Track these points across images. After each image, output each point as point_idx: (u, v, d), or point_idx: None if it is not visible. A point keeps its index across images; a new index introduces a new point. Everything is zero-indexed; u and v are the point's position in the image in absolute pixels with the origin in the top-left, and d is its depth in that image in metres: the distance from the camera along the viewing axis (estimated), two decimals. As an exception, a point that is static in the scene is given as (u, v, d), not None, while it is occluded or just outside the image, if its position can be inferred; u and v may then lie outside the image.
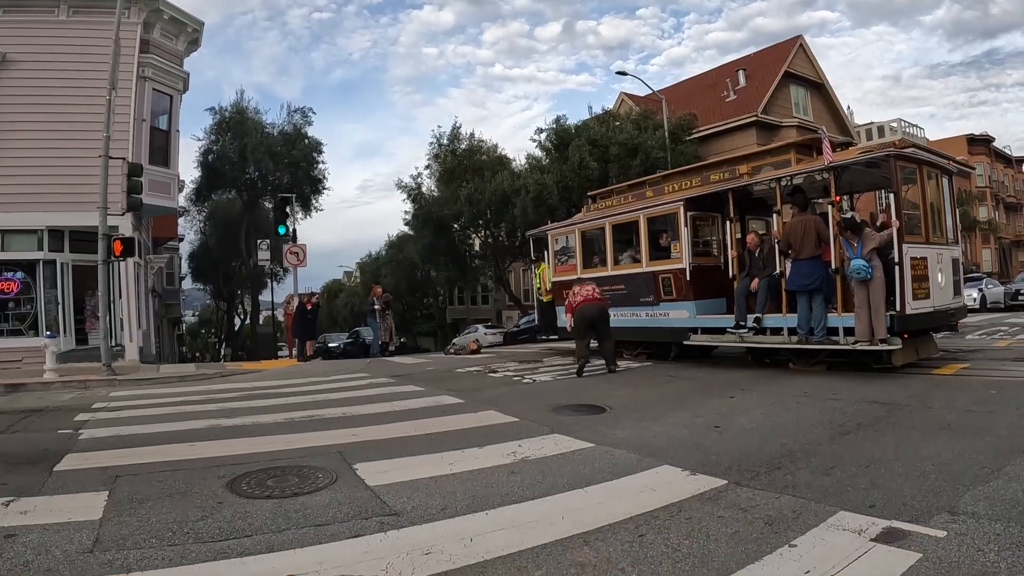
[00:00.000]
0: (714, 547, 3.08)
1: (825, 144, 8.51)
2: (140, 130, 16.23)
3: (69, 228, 15.50)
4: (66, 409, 8.46)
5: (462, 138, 33.22)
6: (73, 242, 15.68)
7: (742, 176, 10.30)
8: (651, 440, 5.39)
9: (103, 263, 12.73)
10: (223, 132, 33.36)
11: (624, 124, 27.63)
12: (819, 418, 5.90)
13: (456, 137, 33.13)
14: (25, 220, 15.02)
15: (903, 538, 3.05)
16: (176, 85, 17.81)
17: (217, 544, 3.33)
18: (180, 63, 18.23)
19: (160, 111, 17.47)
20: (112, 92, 12.99)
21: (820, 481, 4.00)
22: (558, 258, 14.07)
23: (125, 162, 13.12)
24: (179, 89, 18.04)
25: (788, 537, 3.14)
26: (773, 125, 28.78)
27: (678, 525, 3.38)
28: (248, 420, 6.99)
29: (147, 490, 4.32)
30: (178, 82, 17.91)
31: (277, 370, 13.97)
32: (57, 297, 15.61)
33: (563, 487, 4.14)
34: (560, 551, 3.10)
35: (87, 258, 14.77)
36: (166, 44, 17.60)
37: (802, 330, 8.84)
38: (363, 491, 4.18)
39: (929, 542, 3.00)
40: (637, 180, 13.91)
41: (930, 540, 3.02)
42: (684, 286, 10.63)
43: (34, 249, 15.40)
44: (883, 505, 3.51)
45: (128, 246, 12.85)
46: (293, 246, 18.69)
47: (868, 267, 7.90)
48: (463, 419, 6.67)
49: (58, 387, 10.95)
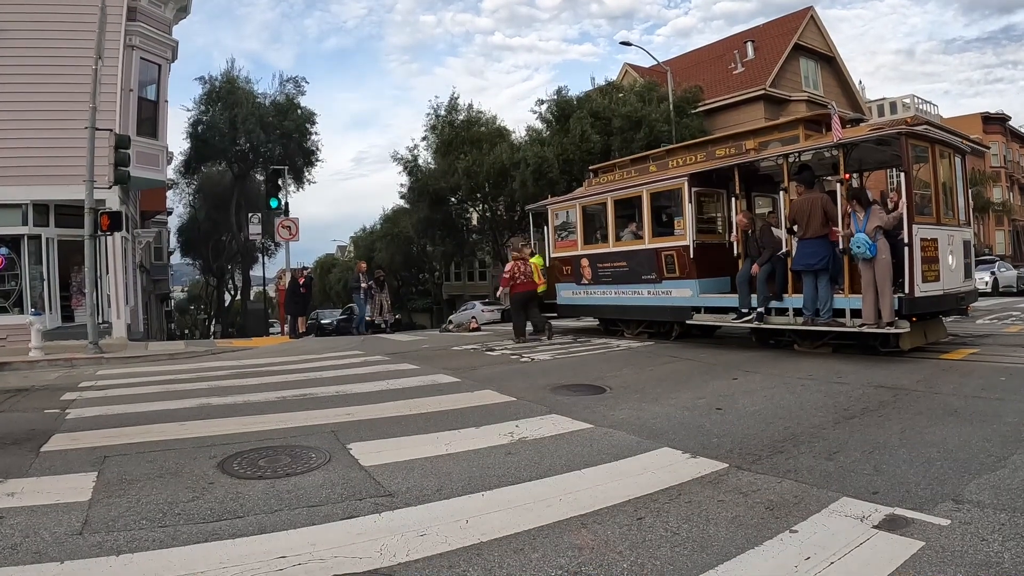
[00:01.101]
0: (713, 531, 3.10)
1: (834, 120, 8.44)
2: (127, 101, 16.04)
3: (54, 202, 15.38)
4: (52, 388, 8.46)
5: (460, 109, 33.00)
6: (59, 216, 15.57)
7: (749, 152, 10.24)
8: (651, 421, 5.41)
9: (89, 238, 12.67)
10: (213, 102, 33.13)
11: (627, 96, 27.41)
12: (823, 401, 5.92)
13: (454, 108, 32.89)
14: (9, 194, 14.88)
15: (906, 526, 3.08)
16: (164, 54, 17.57)
17: (208, 525, 3.35)
18: (168, 31, 17.98)
19: (148, 81, 17.26)
20: (98, 61, 12.83)
21: (823, 466, 4.03)
22: (558, 233, 14.06)
23: (112, 134, 12.99)
24: (167, 58, 17.80)
25: (789, 522, 3.16)
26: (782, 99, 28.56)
27: (677, 509, 3.41)
28: (239, 399, 7.00)
29: (136, 471, 4.33)
30: (166, 51, 17.68)
31: (269, 347, 14.00)
32: (42, 273, 15.56)
33: (561, 468, 4.16)
34: (557, 533, 3.13)
35: (73, 233, 14.71)
36: (154, 11, 17.35)
37: (807, 311, 8.85)
38: (357, 471, 4.20)
39: (932, 530, 3.02)
40: (640, 154, 13.85)
41: (933, 528, 3.04)
42: (688, 264, 10.63)
43: (18, 224, 15.29)
44: (886, 492, 3.53)
45: (115, 220, 12.77)
46: (285, 220, 18.62)
47: (870, 244, 7.89)
48: (459, 398, 6.69)
49: (44, 366, 10.95)
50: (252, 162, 34.96)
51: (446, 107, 32.86)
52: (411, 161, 34.67)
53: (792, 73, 30.22)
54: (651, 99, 26.73)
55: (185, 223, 41.65)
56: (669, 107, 25.82)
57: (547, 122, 29.40)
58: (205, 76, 33.90)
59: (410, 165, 34.69)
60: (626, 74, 34.67)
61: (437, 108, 32.97)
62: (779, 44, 30.24)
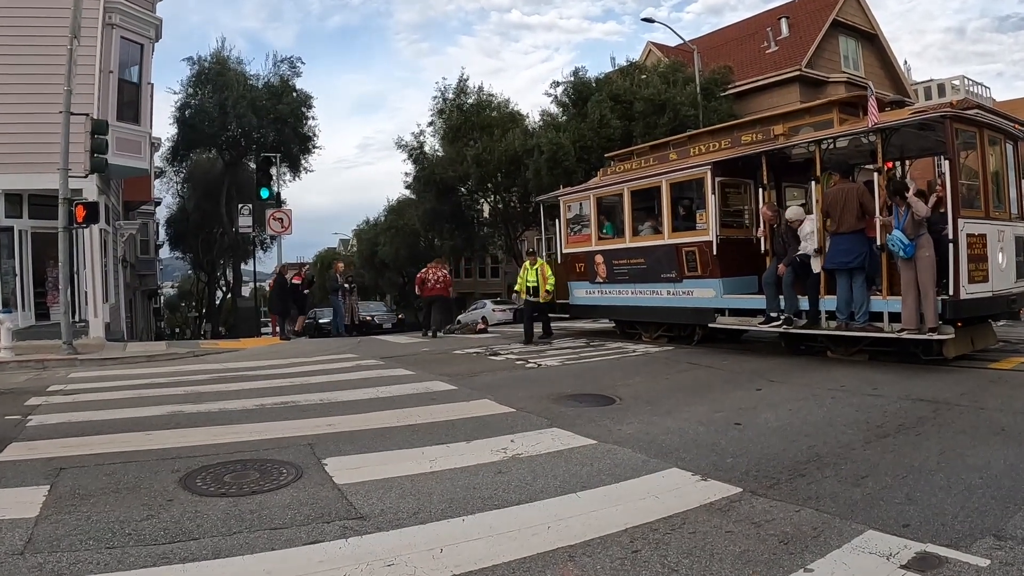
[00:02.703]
0: (717, 569, 2.99)
1: (871, 103, 8.26)
2: (107, 83, 16.07)
3: (28, 191, 15.46)
4: (18, 392, 8.48)
5: (469, 92, 32.84)
6: (32, 207, 15.66)
7: (777, 137, 10.09)
8: (661, 437, 5.33)
9: (64, 230, 12.73)
10: (202, 85, 33.23)
11: (651, 77, 27.18)
12: (855, 416, 5.81)
13: (463, 91, 32.74)
14: (-22, 183, 14.97)
15: (938, 566, 2.94)
16: (147, 32, 17.58)
17: (159, 548, 3.32)
18: (152, 7, 18.01)
19: (129, 62, 17.26)
20: (74, 41, 12.84)
21: (848, 493, 3.91)
22: (571, 227, 13.99)
23: (88, 118, 13.01)
24: (151, 37, 17.81)
25: (804, 560, 3.04)
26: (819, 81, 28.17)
27: (679, 540, 3.30)
28: (215, 406, 7.00)
29: (92, 485, 4.33)
30: (149, 29, 17.68)
31: (257, 349, 14.00)
32: (15, 268, 15.65)
33: (555, 490, 4.09)
34: (540, 567, 3.04)
35: (49, 225, 14.72)
36: (136, -14, 17.37)
37: (841, 314, 8.68)
38: (329, 490, 4.16)
39: (968, 572, 2.88)
40: (659, 141, 13.73)
41: (970, 570, 2.90)
42: (710, 261, 10.51)
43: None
44: (919, 525, 3.39)
45: (92, 211, 12.83)
46: (277, 211, 18.66)
47: (905, 244, 7.69)
48: (453, 408, 6.66)
49: (13, 367, 10.98)
50: (244, 149, 35.03)
51: (454, 90, 32.76)
52: (417, 148, 34.67)
53: (830, 52, 29.80)
54: (676, 81, 26.47)
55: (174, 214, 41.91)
56: (696, 89, 25.56)
57: (563, 106, 29.22)
58: (193, 56, 34.06)
59: (415, 153, 34.70)
60: (649, 54, 34.42)
61: (445, 91, 32.90)
62: (816, 20, 29.83)
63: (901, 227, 7.82)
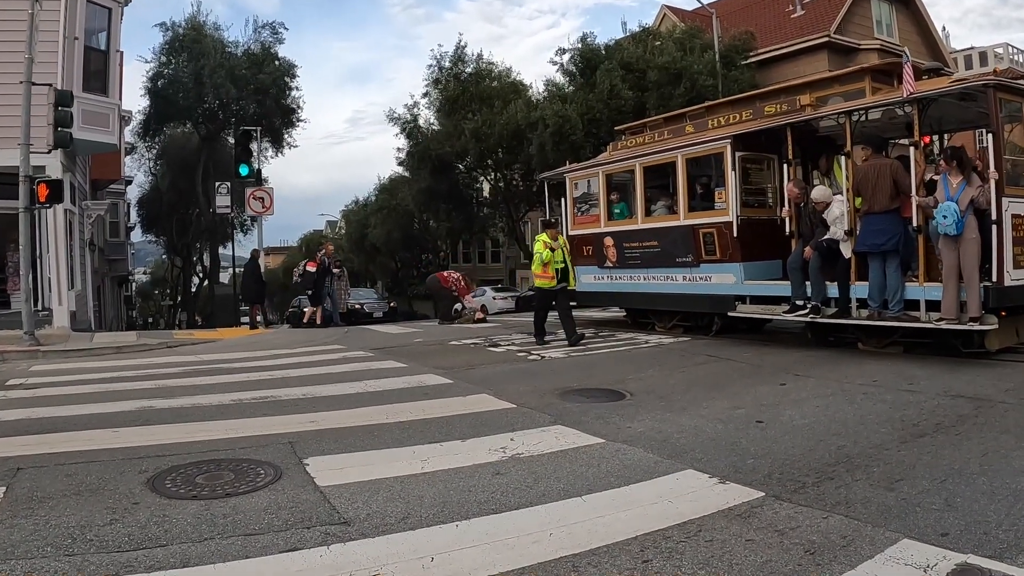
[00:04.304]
0: (736, 580, 2.96)
1: (907, 70, 8.17)
2: (71, 50, 15.93)
3: (-15, 168, 15.37)
4: (-26, 386, 8.50)
5: (468, 60, 32.75)
6: (-9, 186, 15.57)
7: (804, 108, 10.02)
8: (675, 436, 5.32)
9: (24, 211, 12.69)
10: (176, 53, 33.19)
11: (665, 44, 27.07)
12: (888, 414, 5.79)
13: (461, 59, 32.64)
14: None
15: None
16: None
17: (123, 555, 3.31)
18: (121, -34, 17.86)
19: (97, 28, 17.15)
20: (36, 5, 12.76)
21: (881, 497, 3.88)
22: (578, 207, 13.97)
23: (52, 89, 12.96)
24: (119, 0, 17.71)
25: (833, 571, 3.00)
26: (849, 48, 27.99)
27: (695, 549, 3.26)
28: (188, 401, 7.03)
29: (52, 486, 4.33)
30: (118, -9, 17.58)
31: (235, 340, 14.05)
32: (-28, 252, 15.63)
33: (558, 494, 4.08)
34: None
35: (8, 205, 14.57)
36: (102, -56, 17.22)
37: (873, 302, 8.63)
38: (310, 492, 4.16)
39: (1014, 585, 2.84)
40: (675, 112, 13.66)
41: (1016, 583, 2.86)
42: (730, 244, 10.47)
43: (-59, 194, 15.31)
44: (959, 533, 3.35)
45: (55, 190, 12.79)
46: (258, 190, 18.64)
47: (959, 217, 7.57)
48: (447, 404, 6.68)
49: (-31, 359, 10.99)
50: (222, 122, 35.02)
51: (451, 58, 32.64)
52: (410, 122, 34.56)
53: (861, 17, 29.59)
54: (693, 48, 26.33)
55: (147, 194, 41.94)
56: (714, 57, 25.42)
57: (570, 75, 29.10)
58: (166, 22, 33.85)
59: (409, 127, 34.59)
60: (664, 19, 34.20)
61: (441, 59, 32.77)
62: (847, -18, 29.59)
63: (955, 199, 7.66)
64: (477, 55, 33.11)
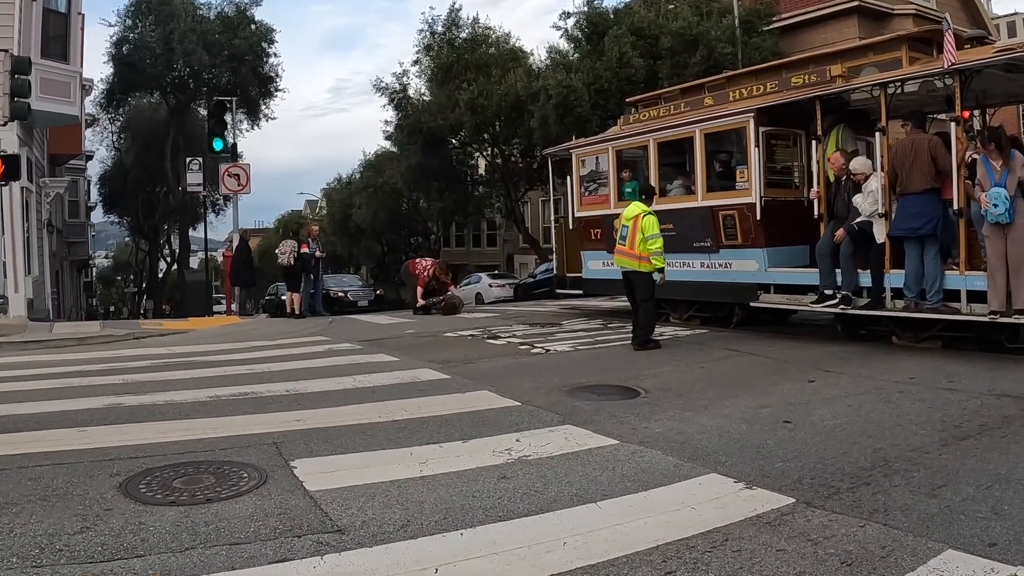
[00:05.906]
0: (769, 595, 2.98)
1: (948, 38, 8.13)
2: (29, 12, 15.88)
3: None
4: (-76, 382, 8.50)
5: (463, 24, 32.66)
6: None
7: (835, 80, 9.97)
8: (696, 438, 5.34)
9: (-22, 188, 12.65)
10: (142, 15, 33.15)
11: (680, 8, 26.97)
12: (928, 415, 5.80)
13: (455, 23, 32.54)
14: None
15: (1035, 591, 2.94)
16: (76, -50, 17.42)
17: (96, 566, 3.31)
18: (81, -82, 17.79)
19: (56, -12, 17.13)
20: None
21: (923, 505, 3.90)
22: (585, 186, 13.94)
23: (7, 55, 12.89)
24: (81, -44, 17.67)
25: (873, 584, 3.02)
26: (882, 13, 27.91)
27: (721, 560, 3.28)
28: (160, 398, 7.02)
29: (15, 491, 4.32)
30: (78, -55, 17.53)
31: (209, 330, 14.06)
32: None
33: (570, 499, 4.10)
34: (555, 592, 3.05)
35: (-39, 182, 14.67)
36: None
37: (910, 292, 8.63)
38: (300, 498, 4.17)
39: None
40: (692, 83, 13.60)
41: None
42: (753, 228, 10.45)
43: None
44: (1008, 544, 3.37)
45: (11, 166, 12.79)
46: (233, 166, 18.63)
47: (1010, 203, 7.57)
48: (446, 401, 6.70)
49: (-81, 352, 11.00)
50: (193, 92, 35.02)
51: (444, 22, 32.54)
52: (399, 92, 34.41)
53: (897, -22, 29.51)
54: (711, 12, 26.25)
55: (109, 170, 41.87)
56: (734, 22, 25.36)
57: (575, 42, 29.00)
58: (131, -19, 33.72)
59: (398, 97, 34.43)
60: (679, -21, 34.08)
61: (433, 23, 32.65)
62: (881, -60, 29.49)
63: (1002, 184, 7.64)
64: (473, 19, 33.07)
